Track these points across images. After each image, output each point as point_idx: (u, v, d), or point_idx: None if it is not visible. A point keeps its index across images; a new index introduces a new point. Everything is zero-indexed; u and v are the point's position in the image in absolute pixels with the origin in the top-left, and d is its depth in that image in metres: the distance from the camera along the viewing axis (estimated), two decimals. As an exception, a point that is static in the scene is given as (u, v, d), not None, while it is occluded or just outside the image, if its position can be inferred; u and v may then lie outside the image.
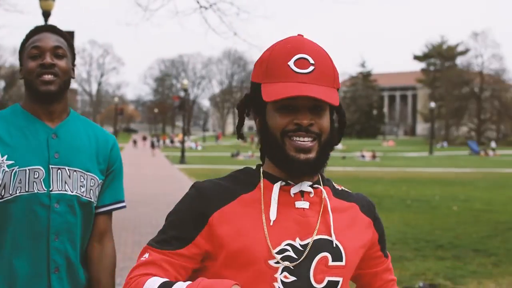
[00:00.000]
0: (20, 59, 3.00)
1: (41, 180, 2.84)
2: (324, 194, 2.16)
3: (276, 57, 2.10)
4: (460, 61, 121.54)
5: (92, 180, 2.98)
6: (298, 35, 2.17)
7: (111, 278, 3.05)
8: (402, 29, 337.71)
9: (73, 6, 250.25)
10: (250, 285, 2.05)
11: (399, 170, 40.77)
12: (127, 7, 73.10)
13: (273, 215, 2.08)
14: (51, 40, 2.94)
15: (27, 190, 2.81)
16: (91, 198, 2.98)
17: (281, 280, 2.06)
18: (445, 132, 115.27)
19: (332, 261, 2.12)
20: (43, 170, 2.85)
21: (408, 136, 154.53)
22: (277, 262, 2.05)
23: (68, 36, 3.06)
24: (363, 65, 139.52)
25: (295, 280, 2.06)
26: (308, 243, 2.09)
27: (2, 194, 2.80)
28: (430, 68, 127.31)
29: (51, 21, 15.60)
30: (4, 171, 2.79)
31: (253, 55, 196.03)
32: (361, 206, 2.28)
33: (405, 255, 11.42)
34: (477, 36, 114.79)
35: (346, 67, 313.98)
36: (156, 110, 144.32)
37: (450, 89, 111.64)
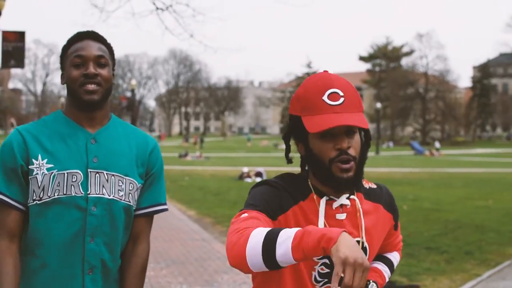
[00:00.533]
0: (62, 65, 3.03)
1: (79, 183, 2.90)
2: (358, 204, 2.65)
3: (311, 93, 2.52)
4: (405, 62, 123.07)
5: (131, 184, 3.03)
6: (324, 71, 2.62)
7: (137, 277, 3.09)
8: (348, 30, 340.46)
9: (24, 7, 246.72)
10: (296, 270, 2.57)
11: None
12: (84, 9, 72.05)
13: (321, 225, 2.55)
14: (94, 49, 2.97)
15: (65, 193, 2.87)
16: (129, 202, 3.03)
17: (318, 271, 2.59)
18: (390, 132, 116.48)
19: None
20: (81, 174, 2.91)
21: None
22: (320, 257, 2.56)
23: (109, 44, 3.09)
24: (309, 65, 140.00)
25: (328, 271, 2.59)
26: None
27: (41, 196, 2.87)
28: (376, 69, 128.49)
29: (2, 20, 15.25)
30: (44, 174, 2.86)
31: (200, 55, 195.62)
32: (384, 204, 2.80)
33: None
34: (422, 37, 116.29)
35: (293, 68, 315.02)
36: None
37: (396, 90, 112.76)
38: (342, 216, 2.58)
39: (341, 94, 2.49)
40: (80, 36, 3.01)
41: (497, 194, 24.13)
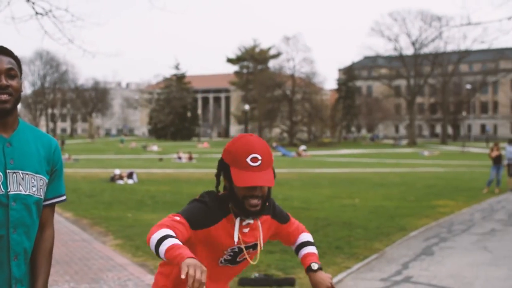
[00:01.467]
0: None
1: (0, 183, 3.26)
2: (258, 222, 3.83)
3: (239, 154, 3.56)
4: (272, 64, 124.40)
5: (41, 181, 3.42)
6: (250, 134, 3.69)
7: (45, 258, 3.49)
8: (217, 33, 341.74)
9: None
10: (210, 254, 3.73)
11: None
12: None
13: (236, 238, 3.72)
14: (4, 63, 3.29)
15: None
16: (41, 196, 3.42)
17: (224, 258, 3.77)
18: (258, 134, 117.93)
19: (252, 250, 3.85)
20: (1, 175, 3.28)
21: (222, 138, 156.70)
22: (228, 252, 3.78)
23: (16, 56, 3.41)
24: (177, 67, 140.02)
25: (230, 259, 3.80)
26: (246, 246, 3.80)
27: None
28: (243, 71, 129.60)
29: None
30: None
31: (67, 55, 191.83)
32: (272, 215, 3.97)
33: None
34: (289, 40, 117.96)
35: (161, 70, 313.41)
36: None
37: (263, 92, 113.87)
38: (246, 230, 3.76)
39: (259, 158, 3.53)
40: None
41: (362, 193, 25.26)
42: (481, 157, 70.12)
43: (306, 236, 4.22)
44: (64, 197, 3.64)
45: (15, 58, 3.40)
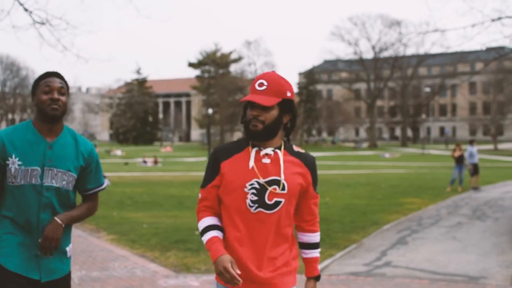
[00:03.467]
0: (34, 91, 4.46)
1: (38, 176, 4.37)
2: (279, 154, 3.93)
3: (253, 82, 3.91)
4: (234, 68, 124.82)
5: (70, 177, 4.49)
6: (272, 71, 4.01)
7: (82, 208, 4.63)
8: (178, 37, 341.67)
9: None
10: (235, 201, 3.90)
11: (184, 174, 42.23)
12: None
13: (251, 163, 3.89)
14: (57, 83, 4.42)
15: (28, 181, 4.35)
16: (69, 188, 4.50)
17: (250, 199, 3.87)
18: (220, 138, 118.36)
19: (280, 190, 3.90)
20: (39, 170, 4.38)
21: (183, 142, 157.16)
22: (249, 189, 3.88)
23: (65, 79, 4.51)
24: (138, 71, 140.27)
25: (257, 199, 3.87)
26: (266, 180, 3.87)
27: (13, 182, 4.35)
28: (205, 75, 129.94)
29: None
30: (15, 167, 4.33)
31: (27, 61, 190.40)
32: (305, 163, 4.02)
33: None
34: (250, 45, 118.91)
35: (122, 74, 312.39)
36: None
37: (225, 96, 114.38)
38: (266, 161, 3.88)
39: (265, 83, 3.83)
40: (49, 74, 4.45)
41: (332, 193, 26.32)
42: (441, 158, 71.81)
43: (317, 237, 4.27)
44: (103, 186, 4.75)
45: (65, 81, 4.51)
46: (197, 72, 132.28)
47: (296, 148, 4.06)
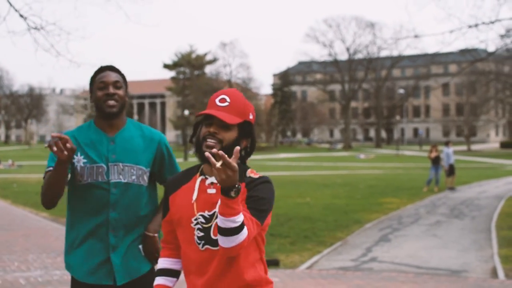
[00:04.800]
0: (91, 88, 4.34)
1: (104, 173, 4.20)
2: None
3: (212, 97, 3.48)
4: (209, 70, 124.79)
5: (140, 170, 4.29)
6: (235, 89, 3.60)
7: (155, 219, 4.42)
8: (153, 39, 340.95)
9: None
10: (185, 236, 3.49)
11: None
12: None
13: (194, 197, 3.46)
14: (111, 77, 4.27)
15: (94, 179, 4.19)
16: (140, 183, 4.30)
17: (197, 235, 3.43)
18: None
19: None
20: (105, 167, 4.21)
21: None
22: (195, 224, 3.44)
23: (122, 72, 4.38)
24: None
25: (203, 235, 3.42)
26: (210, 214, 3.41)
27: (80, 180, 4.20)
28: (180, 77, 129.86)
29: None
30: (80, 166, 4.20)
31: (1, 62, 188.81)
32: (246, 185, 3.41)
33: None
34: (226, 46, 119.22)
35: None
36: None
37: (200, 97, 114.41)
38: (212, 191, 3.42)
39: (228, 100, 3.42)
40: (102, 69, 4.30)
41: (311, 193, 26.80)
42: (415, 159, 72.82)
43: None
44: None
45: (121, 74, 4.35)
46: (172, 73, 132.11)
47: (250, 173, 3.49)
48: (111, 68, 4.34)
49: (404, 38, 41.17)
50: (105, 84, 4.22)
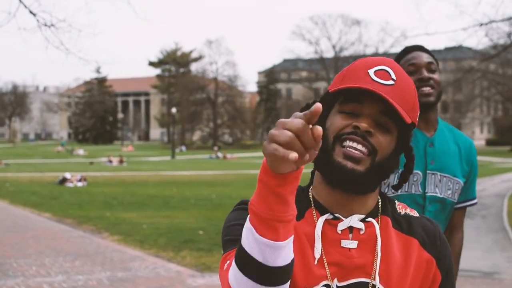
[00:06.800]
0: None
1: (419, 183, 3.38)
2: (377, 231, 1.87)
3: (357, 66, 1.89)
4: (195, 67, 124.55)
5: (457, 184, 3.48)
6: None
7: (455, 261, 3.55)
8: (139, 36, 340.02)
9: None
10: None
11: (156, 173, 42.13)
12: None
13: (317, 253, 1.82)
14: (424, 57, 3.48)
15: (406, 190, 3.37)
16: (454, 200, 3.49)
17: None
18: (181, 137, 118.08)
19: None
20: (421, 175, 3.39)
21: (142, 141, 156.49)
22: None
23: (433, 54, 3.56)
24: (98, 70, 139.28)
25: None
26: (345, 285, 1.83)
27: (386, 191, 3.24)
28: (165, 74, 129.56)
29: None
30: None
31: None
32: (421, 241, 1.94)
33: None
34: (211, 44, 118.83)
35: (81, 73, 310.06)
36: None
37: (186, 95, 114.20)
38: (350, 244, 1.85)
39: (393, 77, 1.83)
40: (411, 48, 3.56)
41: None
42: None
43: None
44: (475, 201, 3.65)
45: (432, 55, 3.53)
46: (157, 71, 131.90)
47: (402, 209, 2.02)
48: (422, 48, 3.57)
49: (414, 36, 40.81)
50: (417, 67, 3.45)
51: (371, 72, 1.84)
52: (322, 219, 1.85)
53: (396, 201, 2.03)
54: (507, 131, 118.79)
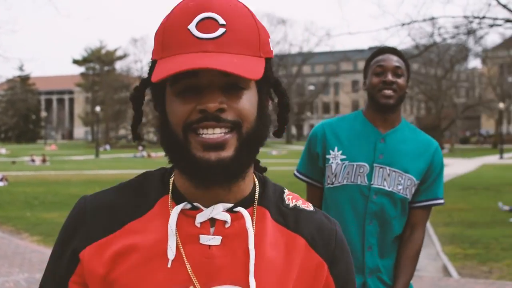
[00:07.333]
0: (365, 73, 3.68)
1: (365, 174, 3.54)
2: (247, 222, 1.53)
3: (174, 22, 1.52)
4: (119, 66, 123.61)
5: (409, 180, 3.56)
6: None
7: (410, 261, 3.64)
8: (63, 34, 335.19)
9: None
10: None
11: (79, 173, 41.57)
12: None
13: (171, 253, 1.51)
14: (392, 61, 3.58)
15: (352, 180, 3.54)
16: (406, 195, 3.56)
17: None
18: (105, 135, 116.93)
19: None
20: (367, 167, 3.55)
21: (66, 140, 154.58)
22: None
23: (405, 58, 3.68)
24: (21, 68, 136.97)
25: None
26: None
27: (333, 182, 3.58)
28: (90, 72, 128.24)
29: None
30: (337, 162, 3.57)
31: None
32: (310, 240, 1.60)
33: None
34: (137, 42, 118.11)
35: (3, 71, 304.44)
36: None
37: (111, 93, 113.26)
38: (211, 241, 1.52)
39: (222, 22, 1.48)
40: (382, 51, 3.65)
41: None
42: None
43: None
44: (440, 201, 3.70)
45: (405, 60, 3.65)
46: (82, 69, 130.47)
47: (292, 200, 1.67)
48: (393, 51, 3.66)
49: (338, 35, 41.61)
50: (384, 69, 3.55)
51: (192, 27, 1.47)
52: (176, 210, 1.52)
53: (286, 190, 1.66)
54: (430, 130, 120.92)
